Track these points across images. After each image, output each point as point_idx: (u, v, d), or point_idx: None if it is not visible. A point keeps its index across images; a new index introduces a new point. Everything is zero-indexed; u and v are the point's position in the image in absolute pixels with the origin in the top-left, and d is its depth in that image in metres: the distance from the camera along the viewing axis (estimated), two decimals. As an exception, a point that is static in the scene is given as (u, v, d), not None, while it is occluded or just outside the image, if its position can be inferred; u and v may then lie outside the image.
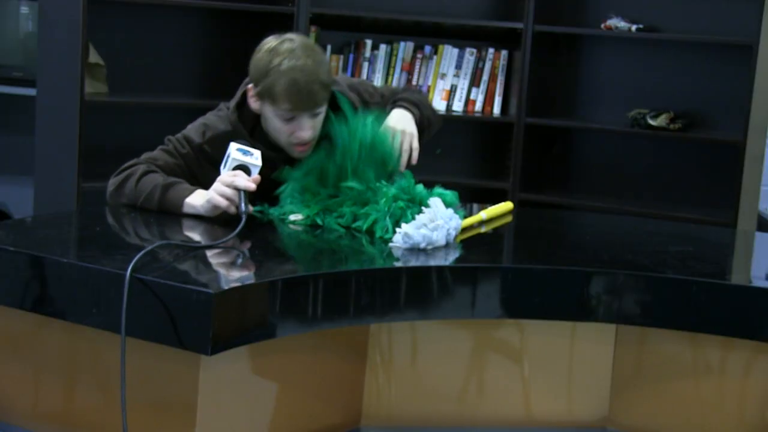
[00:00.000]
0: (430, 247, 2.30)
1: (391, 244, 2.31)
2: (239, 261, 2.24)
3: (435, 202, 2.41)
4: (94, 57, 4.42)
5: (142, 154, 2.66)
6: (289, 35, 2.59)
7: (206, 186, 2.50)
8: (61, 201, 4.35)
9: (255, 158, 2.48)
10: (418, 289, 2.17)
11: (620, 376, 2.35)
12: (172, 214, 2.47)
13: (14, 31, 5.43)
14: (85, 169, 4.27)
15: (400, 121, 2.70)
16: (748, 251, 2.96)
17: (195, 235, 2.37)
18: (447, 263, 2.27)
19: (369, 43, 4.80)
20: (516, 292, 2.24)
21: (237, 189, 2.40)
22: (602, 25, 4.83)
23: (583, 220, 3.28)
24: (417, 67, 4.82)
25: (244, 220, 2.32)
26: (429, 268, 2.20)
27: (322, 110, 2.59)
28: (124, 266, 1.89)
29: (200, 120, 2.72)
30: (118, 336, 1.87)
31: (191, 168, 2.63)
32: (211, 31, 4.86)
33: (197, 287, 1.85)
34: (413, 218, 2.36)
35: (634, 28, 4.78)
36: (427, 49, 4.83)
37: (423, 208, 2.40)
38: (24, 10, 5.37)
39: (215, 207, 2.41)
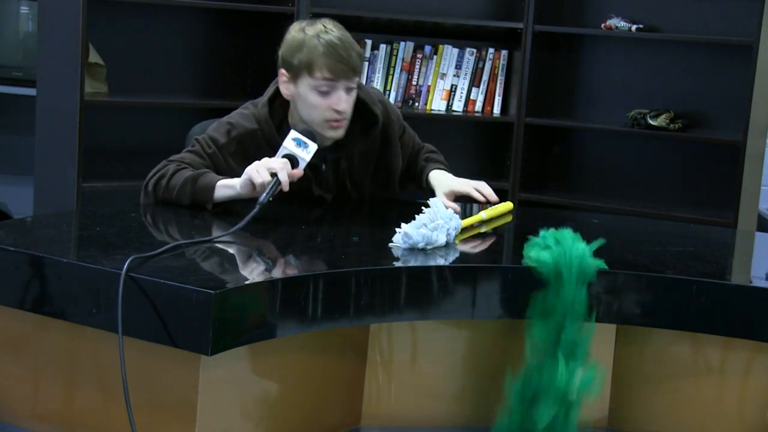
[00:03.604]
0: (430, 247, 2.30)
1: (391, 244, 2.31)
2: (240, 261, 2.24)
3: (435, 202, 2.41)
4: (94, 57, 4.42)
5: (163, 156, 2.67)
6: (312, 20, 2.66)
7: None
8: (61, 201, 4.35)
9: (306, 151, 2.48)
10: (418, 289, 2.17)
11: (620, 376, 2.34)
12: (204, 206, 2.49)
13: (14, 31, 5.43)
14: (85, 169, 4.27)
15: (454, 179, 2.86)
16: (748, 251, 2.96)
17: (198, 235, 2.37)
18: (447, 263, 2.27)
19: (369, 43, 4.80)
20: (516, 292, 2.23)
21: (272, 176, 2.40)
22: (602, 25, 4.83)
23: (583, 219, 3.27)
24: (417, 67, 4.82)
25: (256, 210, 2.33)
26: (429, 268, 2.20)
27: (356, 85, 2.62)
28: (123, 266, 1.89)
29: (225, 119, 2.72)
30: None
31: (218, 168, 2.62)
32: (211, 31, 4.86)
33: (197, 287, 1.85)
34: None
35: (634, 28, 4.78)
36: (427, 49, 4.83)
37: (423, 208, 2.40)
38: (24, 10, 5.37)
39: (249, 182, 2.42)
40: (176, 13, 4.78)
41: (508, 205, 2.82)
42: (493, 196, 2.82)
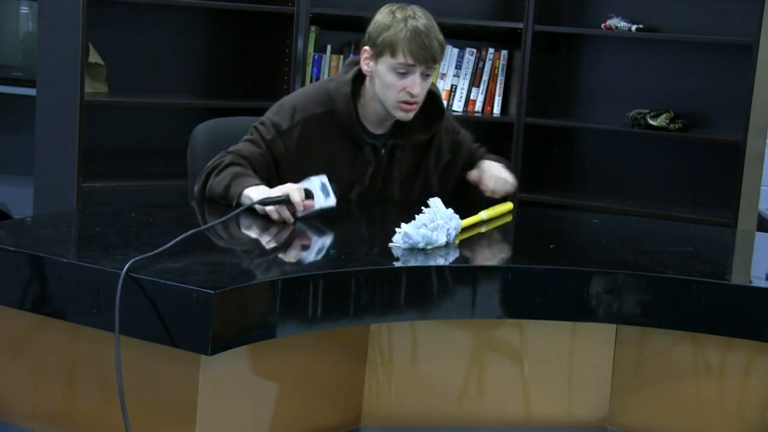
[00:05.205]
0: (429, 247, 2.30)
1: (391, 244, 2.31)
2: (241, 261, 2.24)
3: (435, 202, 2.41)
4: (94, 57, 4.42)
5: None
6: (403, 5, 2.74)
7: (291, 171, 2.60)
8: (61, 201, 4.35)
9: (326, 200, 2.50)
10: (418, 289, 2.17)
11: (620, 376, 2.35)
12: (231, 206, 2.52)
13: (14, 31, 5.43)
14: (85, 169, 4.27)
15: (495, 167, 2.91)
16: (748, 251, 2.96)
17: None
18: (447, 263, 2.27)
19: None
20: (516, 292, 2.24)
21: (282, 201, 2.45)
22: (602, 25, 4.83)
23: (583, 219, 3.27)
24: (417, 67, 4.82)
25: (244, 207, 2.39)
26: (429, 268, 2.20)
27: (432, 73, 2.70)
28: (124, 266, 1.89)
29: (288, 101, 2.77)
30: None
31: (276, 155, 2.68)
32: (211, 31, 4.86)
33: (197, 287, 1.85)
34: None
35: (634, 28, 4.78)
36: (427, 49, 4.83)
37: (423, 208, 2.39)
38: (24, 10, 5.37)
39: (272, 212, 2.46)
40: (176, 13, 4.78)
41: (508, 205, 2.82)
42: (497, 193, 2.84)
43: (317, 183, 2.52)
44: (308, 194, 2.51)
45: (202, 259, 2.11)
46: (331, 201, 2.53)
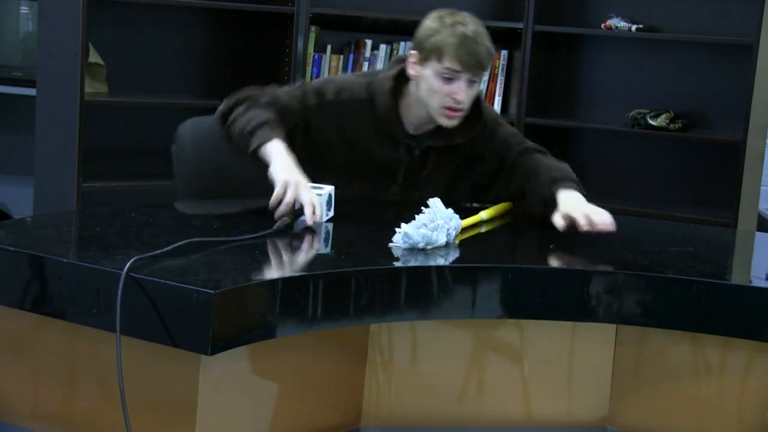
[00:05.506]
0: (429, 247, 2.30)
1: (390, 244, 2.31)
2: (241, 261, 2.24)
3: (435, 202, 2.41)
4: (94, 57, 4.42)
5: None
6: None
7: (316, 145, 2.61)
8: (61, 201, 4.35)
9: (326, 212, 2.47)
10: (418, 289, 2.17)
11: (620, 376, 2.35)
12: (244, 148, 2.51)
13: (14, 31, 5.43)
14: (85, 169, 4.27)
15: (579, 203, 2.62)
16: (748, 251, 2.96)
17: (199, 234, 2.37)
18: (447, 263, 2.27)
19: (369, 43, 4.80)
20: (516, 292, 2.23)
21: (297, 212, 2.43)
22: (602, 25, 4.84)
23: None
24: (417, 67, 4.82)
25: (271, 230, 2.33)
26: (429, 268, 2.20)
27: (479, 80, 2.67)
28: (124, 266, 1.89)
29: (337, 80, 2.78)
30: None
31: (308, 122, 2.67)
32: (211, 31, 4.87)
33: (197, 287, 1.85)
34: None
35: (634, 28, 4.78)
36: (427, 49, 4.83)
37: (423, 208, 2.39)
38: (24, 10, 5.37)
39: (281, 187, 2.43)
40: (176, 13, 4.78)
41: (508, 205, 2.82)
42: (598, 226, 2.52)
43: (325, 195, 2.50)
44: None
45: (202, 259, 2.11)
46: (330, 214, 2.52)
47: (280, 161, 2.48)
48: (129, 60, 4.68)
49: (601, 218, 2.52)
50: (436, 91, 2.64)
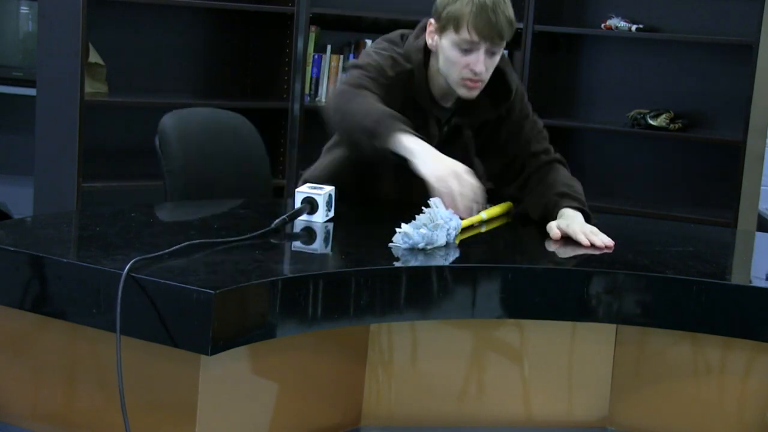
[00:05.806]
0: (429, 247, 2.30)
1: (390, 244, 2.31)
2: (241, 261, 2.24)
3: (435, 202, 2.41)
4: (94, 57, 4.43)
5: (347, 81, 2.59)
6: None
7: None
8: (61, 201, 4.35)
9: (326, 214, 2.47)
10: (418, 289, 2.17)
11: (620, 376, 2.35)
12: (376, 146, 2.44)
13: (14, 31, 5.43)
14: (85, 169, 4.28)
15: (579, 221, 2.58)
16: (748, 251, 2.96)
17: (199, 235, 2.37)
18: (447, 263, 2.27)
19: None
20: (516, 292, 2.23)
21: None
22: (602, 25, 4.84)
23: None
24: (417, 67, 4.82)
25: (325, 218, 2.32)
26: (429, 268, 2.20)
27: (499, 51, 2.59)
28: (125, 266, 1.89)
29: (384, 51, 2.66)
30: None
31: (384, 102, 2.55)
32: (211, 31, 4.87)
33: (197, 287, 1.85)
34: None
35: (634, 28, 4.78)
36: (427, 49, 4.83)
37: (423, 208, 2.39)
38: (24, 10, 5.37)
39: (448, 196, 2.39)
40: (176, 13, 4.79)
41: (508, 205, 2.82)
42: (600, 242, 2.49)
43: (325, 195, 2.47)
44: (312, 205, 2.47)
45: (202, 259, 2.11)
46: (330, 215, 2.51)
47: (423, 153, 2.41)
48: (129, 60, 4.68)
49: (601, 238, 2.49)
50: (454, 63, 2.57)
